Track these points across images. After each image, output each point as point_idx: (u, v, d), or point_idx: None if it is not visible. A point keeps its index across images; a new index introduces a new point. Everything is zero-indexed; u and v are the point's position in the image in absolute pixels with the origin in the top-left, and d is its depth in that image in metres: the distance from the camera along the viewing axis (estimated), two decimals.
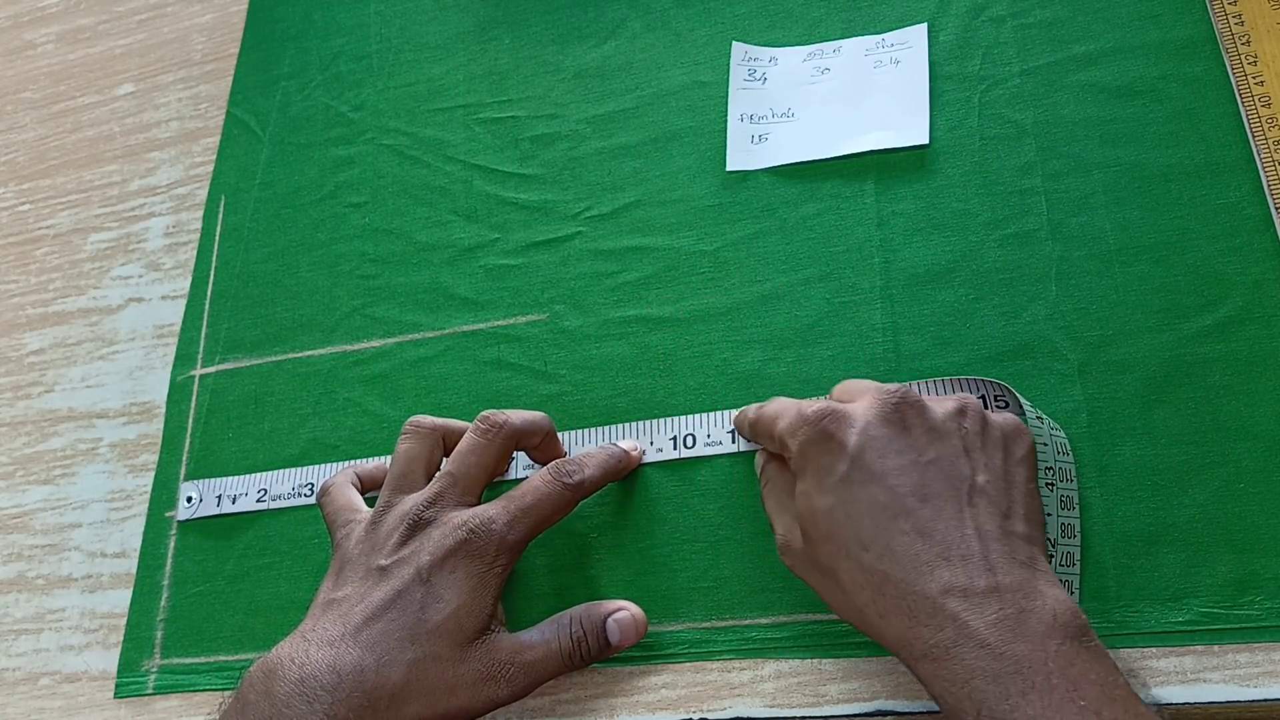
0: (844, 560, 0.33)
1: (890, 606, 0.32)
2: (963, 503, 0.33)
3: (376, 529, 0.39)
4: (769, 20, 0.52)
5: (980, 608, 0.31)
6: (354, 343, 0.51)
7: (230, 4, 0.63)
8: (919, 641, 0.31)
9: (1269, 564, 0.36)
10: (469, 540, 0.37)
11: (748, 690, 0.39)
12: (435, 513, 0.38)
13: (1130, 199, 0.43)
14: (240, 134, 0.58)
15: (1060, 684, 0.29)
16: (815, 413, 0.35)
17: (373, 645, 0.36)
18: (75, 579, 0.50)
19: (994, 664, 0.30)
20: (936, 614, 0.31)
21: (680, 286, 0.47)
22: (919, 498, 0.33)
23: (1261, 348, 0.39)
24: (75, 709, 0.47)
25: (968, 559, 0.32)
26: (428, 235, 0.52)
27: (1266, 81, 0.43)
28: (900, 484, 0.33)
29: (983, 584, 0.31)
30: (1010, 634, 0.30)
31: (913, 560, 0.32)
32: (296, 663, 0.35)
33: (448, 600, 0.36)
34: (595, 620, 0.39)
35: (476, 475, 0.40)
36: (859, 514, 0.33)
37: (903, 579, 0.32)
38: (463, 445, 0.40)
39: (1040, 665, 0.30)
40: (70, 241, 0.59)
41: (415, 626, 0.36)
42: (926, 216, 0.45)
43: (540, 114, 0.53)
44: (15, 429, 0.55)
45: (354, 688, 0.35)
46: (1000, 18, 0.48)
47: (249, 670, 0.37)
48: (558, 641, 0.38)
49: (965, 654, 0.30)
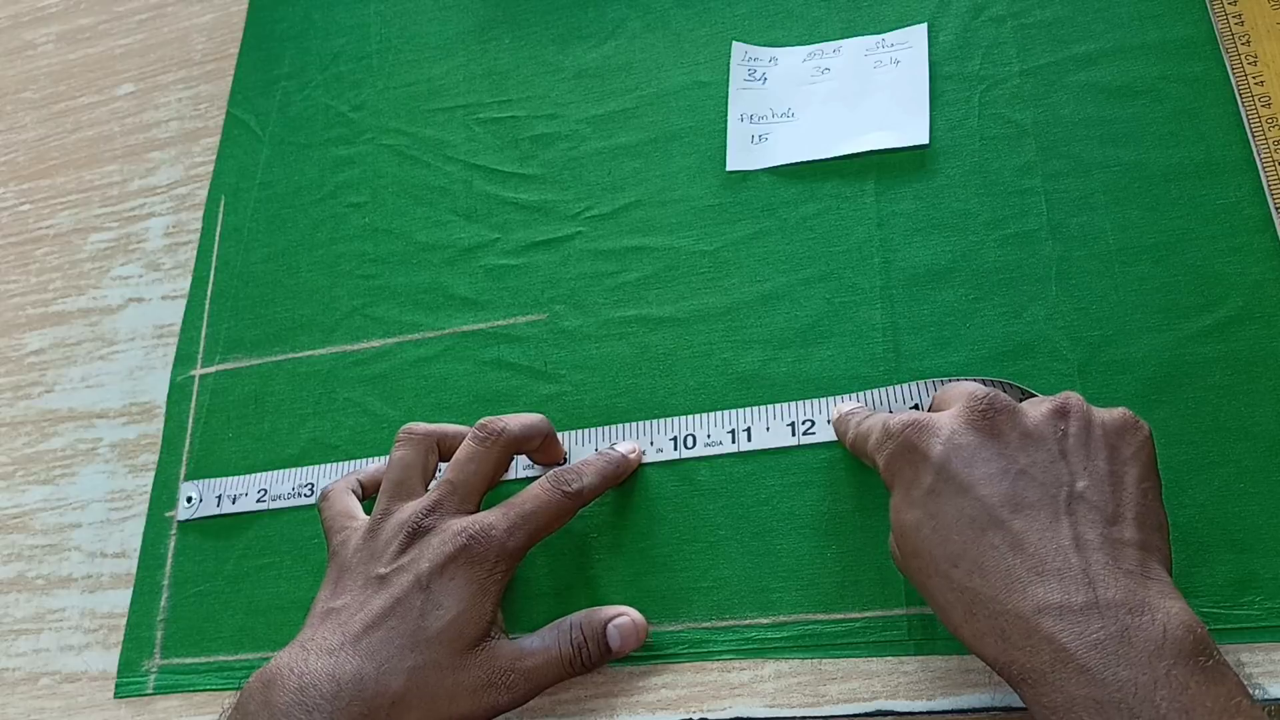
0: (934, 578, 0.32)
1: (983, 628, 0.30)
2: (1060, 511, 0.31)
3: (375, 537, 0.39)
4: (769, 20, 0.52)
5: (1078, 627, 0.28)
6: (354, 343, 0.51)
7: (230, 4, 0.63)
8: (1015, 666, 0.29)
9: (1269, 564, 0.36)
10: (468, 547, 0.37)
11: (748, 690, 0.39)
12: (434, 520, 0.38)
13: (1130, 199, 0.43)
14: (240, 134, 0.58)
15: (1171, 712, 0.27)
16: (899, 424, 0.34)
17: (372, 653, 0.36)
18: (75, 579, 0.50)
19: (1096, 691, 0.27)
20: (1031, 635, 0.29)
21: (680, 286, 0.47)
22: (1011, 508, 0.31)
23: (1261, 348, 0.39)
24: (75, 709, 0.47)
25: (1064, 573, 0.29)
26: (428, 235, 0.52)
27: (1266, 81, 0.43)
28: (990, 494, 0.31)
29: (1081, 600, 0.29)
30: (1113, 657, 0.28)
31: (1004, 576, 0.30)
32: (295, 672, 0.35)
33: (447, 608, 0.36)
34: (596, 626, 0.39)
35: (475, 483, 0.39)
36: (946, 528, 0.31)
37: (994, 597, 0.30)
38: (461, 453, 0.40)
39: (1147, 693, 0.27)
40: (70, 241, 0.59)
41: (415, 634, 0.36)
42: (926, 216, 0.45)
43: (540, 114, 0.53)
44: (15, 429, 0.55)
45: (353, 696, 0.35)
46: (1000, 18, 0.48)
47: (248, 681, 0.36)
48: (558, 648, 0.38)
49: (1064, 680, 0.28)
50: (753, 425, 0.43)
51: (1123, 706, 0.27)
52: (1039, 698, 0.29)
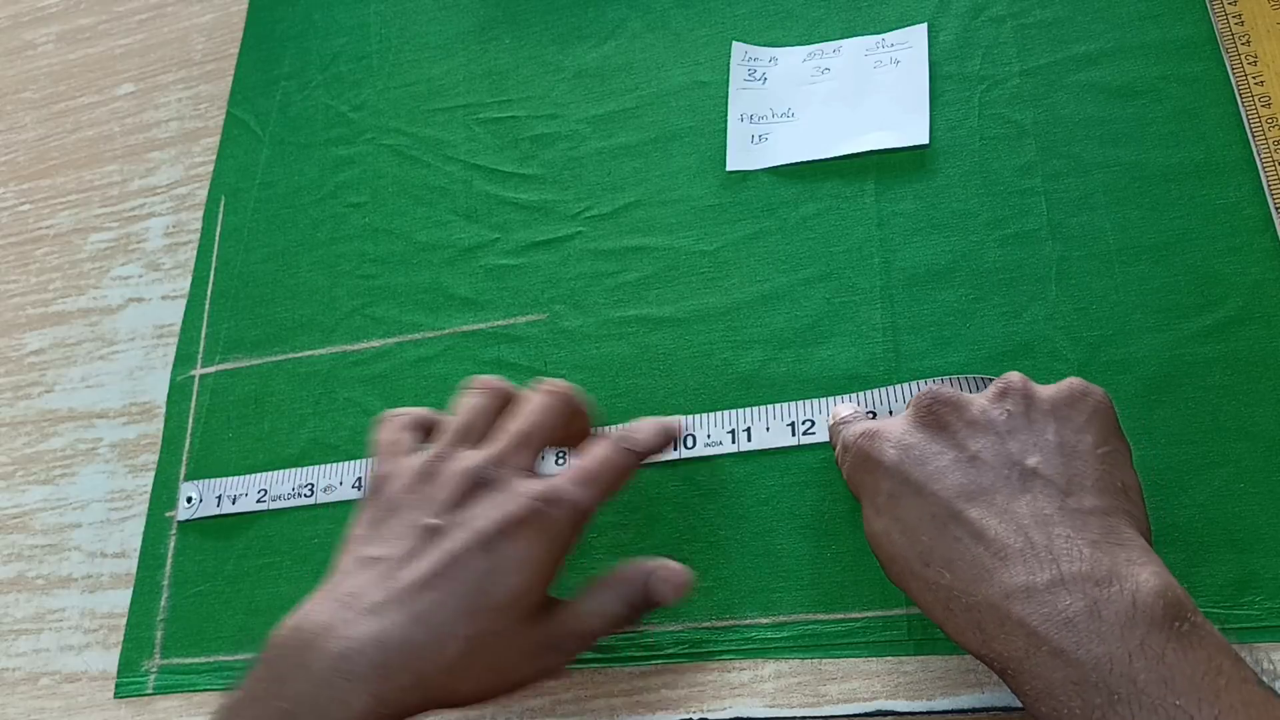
0: (911, 580, 0.32)
1: (961, 622, 0.30)
2: (1015, 491, 0.31)
3: (429, 480, 0.35)
4: (769, 20, 0.52)
5: (1046, 607, 0.28)
6: (354, 343, 0.51)
7: (230, 4, 0.63)
8: (995, 656, 0.29)
9: (1269, 564, 0.36)
10: (542, 512, 0.34)
11: (748, 690, 0.39)
12: (499, 473, 0.35)
13: (1130, 199, 0.43)
14: (240, 134, 0.58)
15: (1150, 684, 0.26)
16: (853, 436, 0.35)
17: (424, 617, 0.32)
18: (75, 579, 0.50)
19: (1073, 672, 0.27)
20: (1004, 623, 0.29)
21: (680, 286, 0.47)
22: (966, 498, 0.31)
23: (1261, 348, 0.39)
24: (75, 709, 0.47)
25: (1026, 553, 0.29)
26: (428, 235, 0.52)
27: (1266, 81, 0.43)
28: (944, 489, 0.31)
29: (1045, 578, 0.28)
30: (1085, 634, 0.27)
31: (971, 567, 0.30)
32: (336, 634, 0.32)
33: (514, 576, 0.33)
34: (640, 578, 0.36)
35: (544, 437, 0.37)
36: (911, 530, 0.32)
37: (965, 590, 0.30)
38: (533, 404, 0.38)
39: (1123, 668, 0.27)
40: (70, 241, 0.59)
41: (475, 600, 0.33)
42: (926, 216, 0.45)
43: (540, 114, 0.53)
44: (15, 429, 0.55)
45: (402, 666, 0.31)
46: (1000, 18, 0.48)
47: (278, 634, 0.33)
48: (611, 605, 0.36)
49: (1041, 665, 0.28)
50: (753, 425, 0.43)
51: (1100, 686, 0.27)
52: (1021, 686, 0.29)
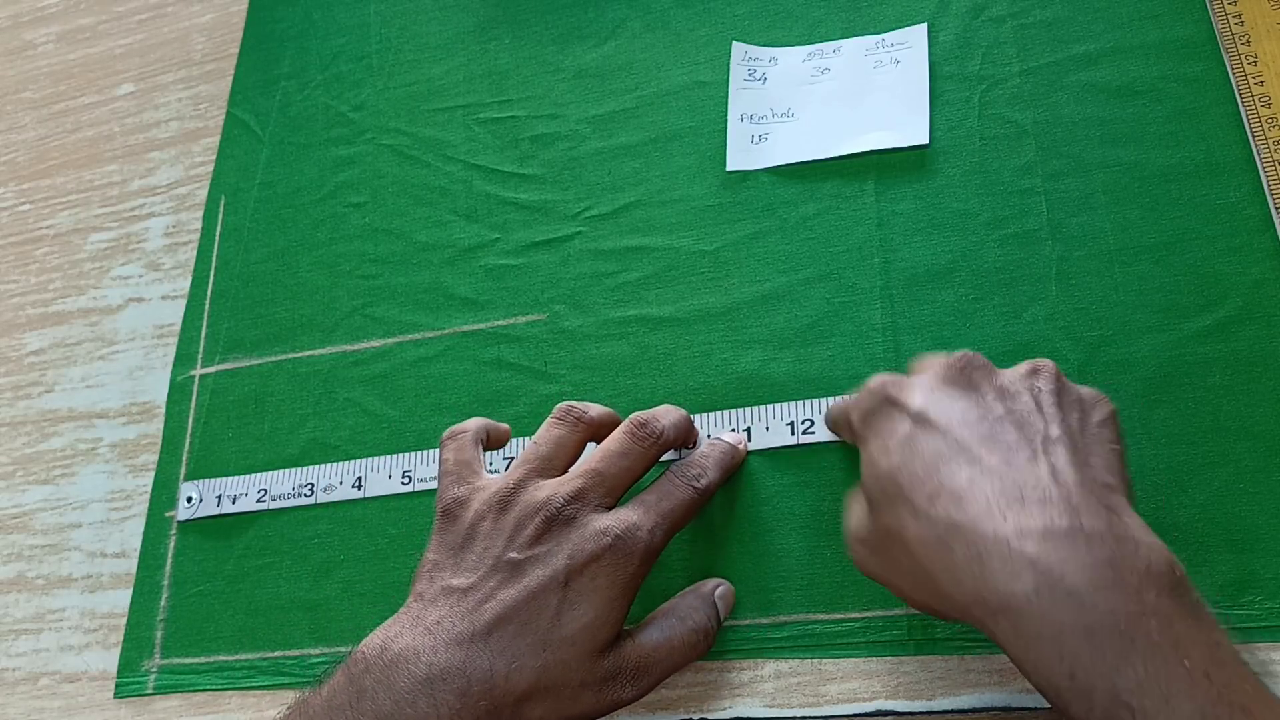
0: (909, 520, 0.31)
1: (961, 559, 0.29)
2: (1037, 449, 0.31)
3: (506, 510, 0.37)
4: (769, 20, 0.52)
5: (1064, 551, 0.27)
6: (354, 343, 0.51)
7: (230, 4, 0.63)
8: (994, 594, 0.28)
9: (1269, 564, 0.36)
10: (614, 547, 0.35)
11: (748, 690, 0.39)
12: (576, 510, 0.36)
13: (1130, 199, 0.43)
14: (240, 134, 0.58)
15: (1163, 643, 0.26)
16: (879, 382, 0.35)
17: (503, 650, 0.34)
18: (75, 579, 0.50)
19: (1085, 617, 0.26)
20: (1012, 560, 0.28)
21: (680, 286, 0.47)
22: (989, 445, 0.31)
23: (1261, 348, 0.39)
24: (75, 709, 0.47)
25: (1046, 501, 0.29)
26: (428, 235, 0.52)
27: (1266, 81, 0.43)
28: (968, 434, 0.31)
29: (1065, 524, 0.28)
30: (1103, 582, 0.27)
31: (983, 504, 0.29)
32: (424, 660, 0.34)
33: (584, 610, 0.35)
34: (709, 603, 0.38)
35: (623, 480, 0.38)
36: (925, 466, 0.31)
37: (972, 525, 0.29)
38: (615, 445, 0.38)
39: (1139, 621, 0.26)
40: (70, 241, 0.59)
41: (548, 633, 0.34)
42: (926, 216, 0.45)
43: (540, 114, 0.53)
44: (15, 429, 0.55)
45: (482, 694, 0.33)
46: (1000, 18, 0.48)
47: (362, 650, 0.35)
48: (681, 637, 0.37)
49: (1049, 605, 0.27)
50: (753, 425, 0.43)
51: (1115, 634, 0.26)
52: (1020, 626, 0.27)
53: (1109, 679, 0.26)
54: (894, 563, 0.33)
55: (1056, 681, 0.27)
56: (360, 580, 0.45)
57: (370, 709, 0.33)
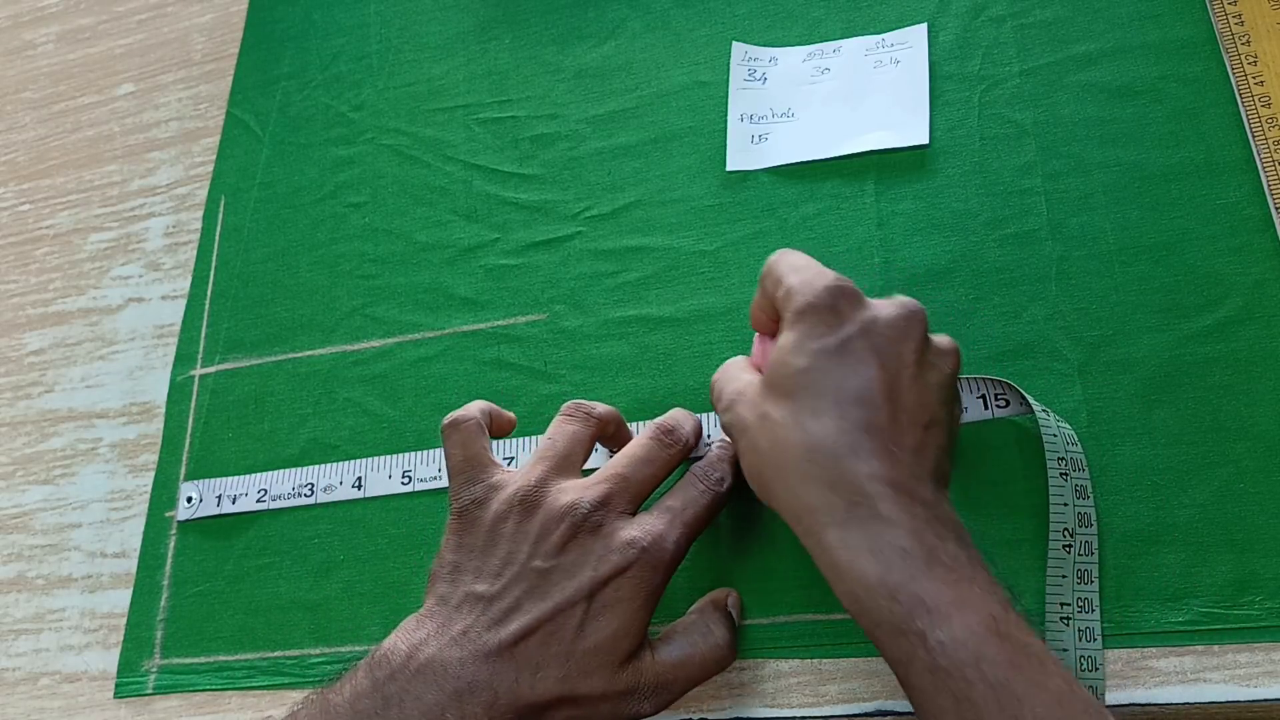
0: (790, 418, 0.34)
1: (812, 471, 0.33)
2: (915, 422, 0.34)
3: (530, 514, 0.36)
4: (769, 20, 0.52)
5: (900, 499, 0.32)
6: (354, 343, 0.51)
7: (230, 4, 0.63)
8: (833, 510, 0.32)
9: (1269, 564, 0.36)
10: (640, 560, 0.35)
11: (748, 690, 0.39)
12: (602, 518, 0.36)
13: (1130, 199, 0.43)
14: (240, 134, 0.58)
15: (961, 569, 0.31)
16: (835, 283, 0.35)
17: (528, 661, 0.34)
18: (75, 579, 0.50)
19: (902, 540, 0.31)
20: (858, 492, 0.32)
21: (680, 286, 0.47)
22: (889, 399, 0.34)
23: (1261, 348, 0.39)
24: (75, 709, 0.47)
25: (901, 463, 0.33)
26: (428, 235, 0.52)
27: (1266, 81, 0.43)
28: (876, 379, 0.34)
29: (907, 484, 0.33)
30: (923, 525, 0.32)
31: (854, 444, 0.33)
32: (452, 674, 0.34)
33: (608, 621, 0.35)
34: (725, 613, 0.39)
35: (647, 486, 0.38)
36: (828, 386, 0.34)
37: (837, 453, 0.33)
38: (640, 451, 0.38)
39: (944, 554, 0.31)
40: (70, 241, 0.59)
41: (572, 644, 0.34)
42: (926, 216, 0.45)
43: (540, 114, 0.53)
44: (15, 429, 0.55)
45: (508, 706, 0.34)
46: (1000, 18, 0.48)
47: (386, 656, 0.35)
48: (702, 654, 0.37)
49: (879, 529, 0.32)
50: None
51: (923, 553, 0.31)
52: (845, 537, 0.32)
53: (910, 585, 0.31)
54: (750, 441, 0.35)
55: (866, 579, 0.32)
56: (360, 580, 0.45)
57: (397, 717, 0.33)
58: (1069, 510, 0.37)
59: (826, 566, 0.33)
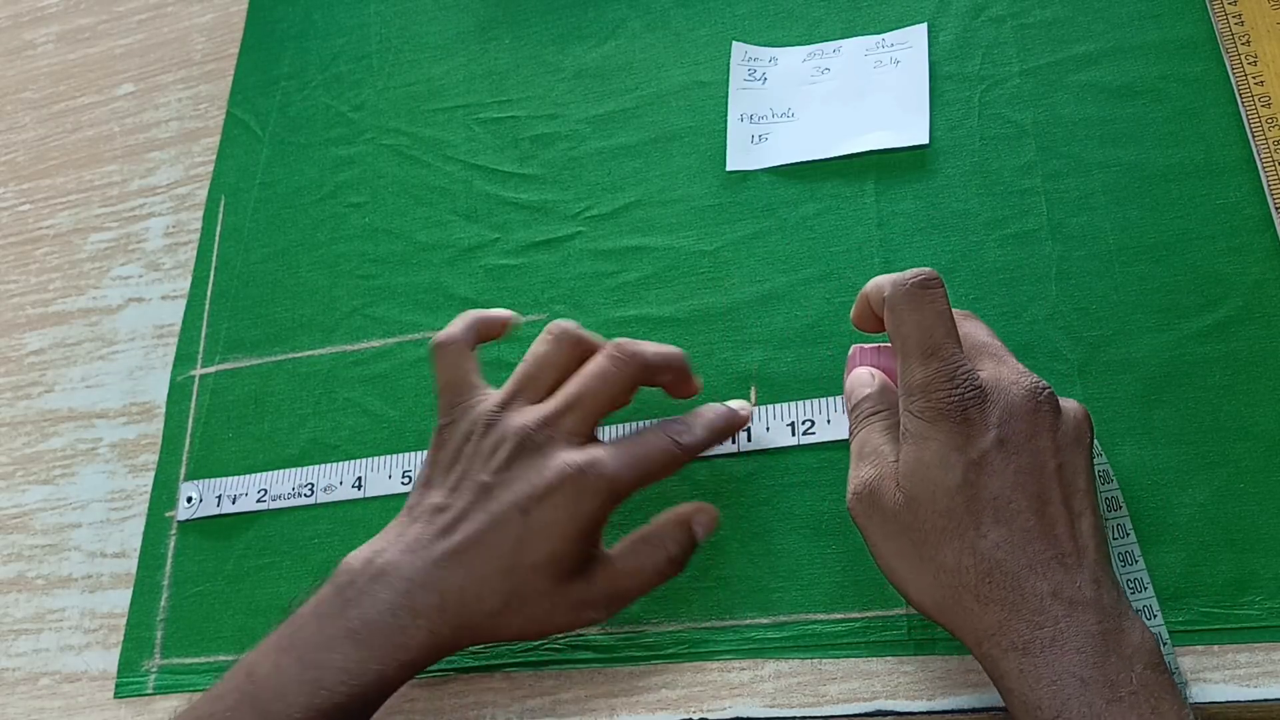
0: (955, 540, 0.32)
1: (993, 594, 0.31)
2: (1074, 514, 0.33)
3: (489, 432, 0.38)
4: (769, 20, 0.52)
5: (1081, 616, 0.31)
6: (354, 343, 0.51)
7: (230, 4, 0.63)
8: (1014, 634, 0.31)
9: (1269, 564, 0.36)
10: (576, 480, 0.36)
11: (748, 690, 0.39)
12: (546, 437, 0.37)
13: (1130, 199, 0.43)
14: (240, 134, 0.58)
15: (1144, 703, 0.30)
16: (965, 379, 0.33)
17: (471, 571, 0.36)
18: (75, 579, 0.50)
19: (1086, 670, 0.30)
20: (1040, 612, 0.31)
21: (680, 286, 0.47)
22: (1041, 500, 0.32)
23: (1261, 348, 0.39)
24: (75, 709, 0.47)
25: (1077, 569, 0.32)
26: (428, 235, 0.52)
27: (1266, 81, 0.43)
28: (1027, 482, 0.32)
29: (1089, 595, 0.31)
30: (1104, 647, 0.30)
31: (1029, 557, 0.32)
32: (404, 575, 0.36)
33: (545, 540, 0.36)
34: (685, 528, 0.39)
35: (598, 403, 0.38)
36: (986, 500, 0.32)
37: (1015, 572, 0.31)
38: (592, 368, 0.39)
39: (1127, 682, 0.30)
40: (70, 241, 0.59)
41: (512, 559, 0.36)
42: (926, 216, 0.45)
43: (540, 114, 0.53)
44: (15, 429, 0.55)
45: (456, 610, 0.36)
46: (1000, 18, 0.48)
47: (348, 564, 0.37)
48: (654, 563, 0.38)
49: (1059, 655, 0.30)
50: (753, 425, 0.43)
51: (1106, 686, 0.30)
52: (1027, 666, 0.31)
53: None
54: (903, 552, 0.33)
55: (1041, 714, 0.30)
56: None
57: (356, 615, 0.36)
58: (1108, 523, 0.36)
59: (1005, 693, 0.32)
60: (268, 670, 0.36)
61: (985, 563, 0.32)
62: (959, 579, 0.32)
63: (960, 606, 0.32)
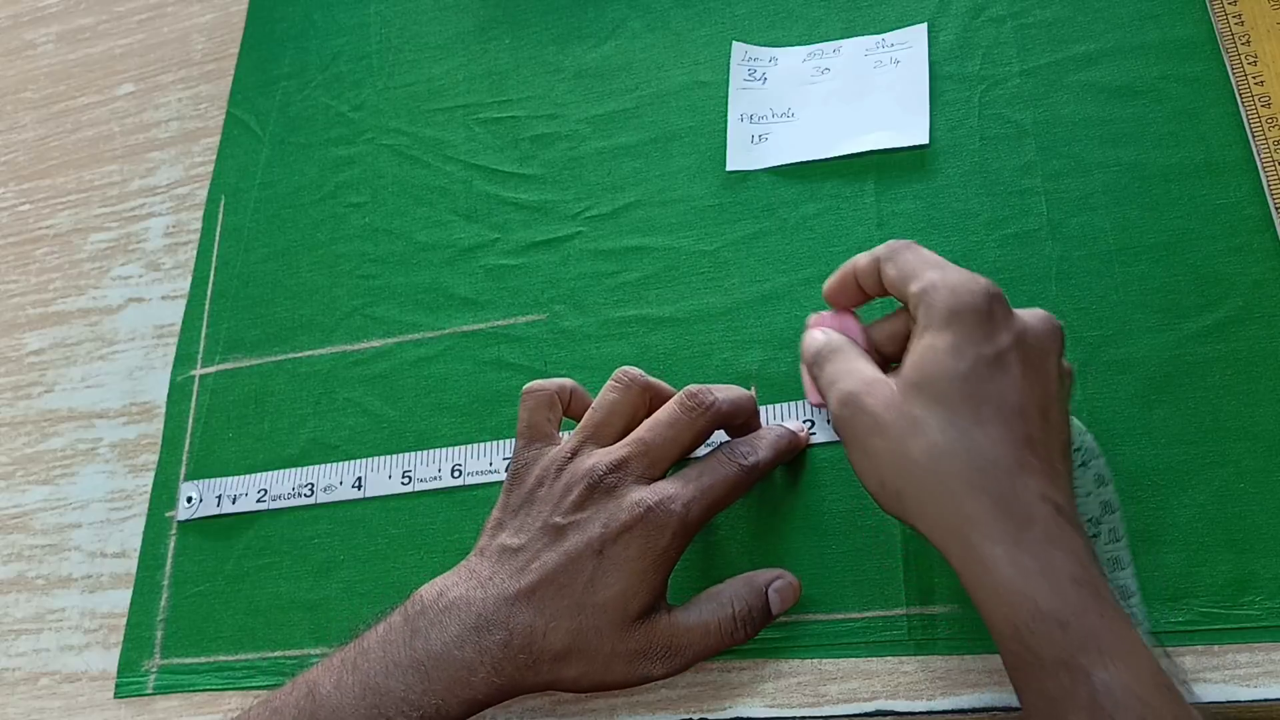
0: (946, 423, 0.32)
1: (985, 485, 0.32)
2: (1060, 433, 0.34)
3: (559, 477, 0.38)
4: (769, 20, 0.52)
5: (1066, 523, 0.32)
6: (354, 343, 0.51)
7: (230, 4, 0.63)
8: (1003, 524, 0.31)
9: (1269, 564, 0.36)
10: (646, 518, 0.36)
11: (748, 690, 0.39)
12: (617, 479, 0.37)
13: (1130, 199, 0.43)
14: (240, 134, 0.58)
15: (1121, 610, 0.31)
16: (993, 288, 0.34)
17: (542, 608, 0.36)
18: (75, 579, 0.50)
19: (1074, 569, 0.31)
20: (1031, 509, 0.31)
21: (680, 286, 0.47)
22: (1043, 414, 0.33)
23: (1261, 348, 0.39)
24: (75, 709, 0.47)
25: (1062, 482, 0.33)
26: (428, 235, 0.52)
27: (1266, 81, 0.43)
28: (1036, 394, 0.33)
29: (1069, 507, 0.32)
30: (1091, 556, 0.31)
31: (1023, 460, 0.32)
32: (474, 610, 0.37)
33: (616, 578, 0.36)
34: (757, 592, 0.38)
35: (669, 450, 0.38)
36: (990, 395, 0.32)
37: (1009, 469, 0.32)
38: (664, 415, 0.39)
39: (1107, 591, 0.31)
40: (70, 241, 0.59)
41: (582, 598, 0.36)
42: (926, 216, 0.45)
43: (540, 114, 0.53)
44: (15, 429, 0.55)
45: (521, 647, 0.36)
46: (1000, 18, 0.48)
47: (419, 596, 0.38)
48: (718, 621, 0.38)
49: (1047, 550, 0.31)
50: None
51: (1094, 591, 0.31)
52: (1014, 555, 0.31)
53: (1089, 615, 0.30)
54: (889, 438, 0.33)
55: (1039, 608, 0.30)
56: (360, 580, 0.45)
57: (422, 646, 0.36)
58: (1091, 499, 0.36)
59: (984, 587, 0.31)
60: (329, 690, 0.36)
61: (978, 450, 0.32)
62: (946, 464, 0.32)
63: (944, 489, 0.32)
